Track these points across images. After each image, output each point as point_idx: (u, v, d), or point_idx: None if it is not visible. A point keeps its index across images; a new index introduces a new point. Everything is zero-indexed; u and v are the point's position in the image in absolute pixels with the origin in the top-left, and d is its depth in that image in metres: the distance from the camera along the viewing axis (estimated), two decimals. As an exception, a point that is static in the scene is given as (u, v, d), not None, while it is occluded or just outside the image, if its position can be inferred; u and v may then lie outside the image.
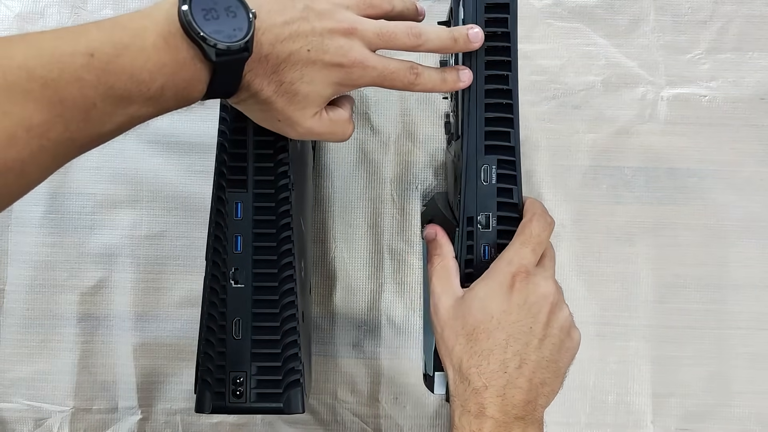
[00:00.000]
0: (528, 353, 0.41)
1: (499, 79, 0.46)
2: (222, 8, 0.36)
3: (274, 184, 0.45)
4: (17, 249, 0.61)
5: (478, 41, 0.44)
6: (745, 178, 0.61)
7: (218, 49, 0.36)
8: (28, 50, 0.33)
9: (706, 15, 0.61)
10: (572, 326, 0.44)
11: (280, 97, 0.40)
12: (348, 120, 0.44)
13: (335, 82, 0.41)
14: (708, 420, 0.61)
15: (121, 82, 0.34)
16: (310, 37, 0.39)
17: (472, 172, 0.46)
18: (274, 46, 0.38)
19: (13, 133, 0.31)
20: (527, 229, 0.44)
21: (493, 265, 0.44)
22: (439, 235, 0.47)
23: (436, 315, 0.44)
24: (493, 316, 0.42)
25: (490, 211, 0.46)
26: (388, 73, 0.42)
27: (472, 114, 0.46)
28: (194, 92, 0.38)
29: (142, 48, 0.35)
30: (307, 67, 0.39)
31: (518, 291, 0.42)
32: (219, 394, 0.44)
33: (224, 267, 0.45)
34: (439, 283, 0.45)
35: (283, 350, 0.45)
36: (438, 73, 0.44)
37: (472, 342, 0.42)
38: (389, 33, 0.42)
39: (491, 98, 0.46)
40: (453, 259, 0.46)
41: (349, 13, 0.41)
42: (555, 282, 0.44)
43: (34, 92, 0.32)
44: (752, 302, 0.61)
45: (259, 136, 0.45)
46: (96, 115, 0.34)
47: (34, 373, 0.61)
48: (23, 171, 0.33)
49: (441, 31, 0.43)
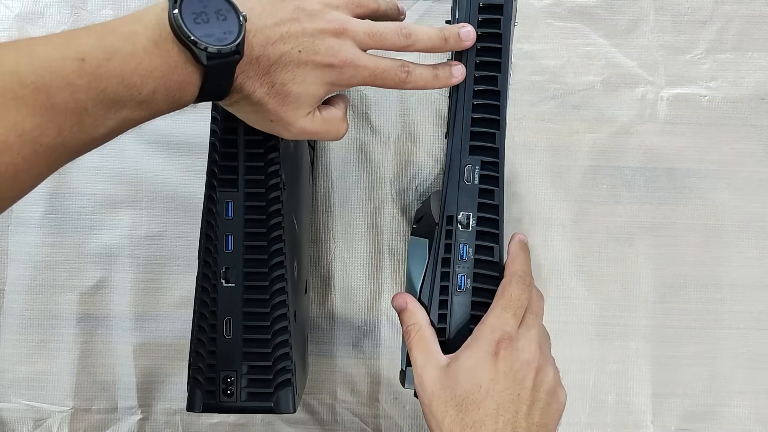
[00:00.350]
0: (518, 421, 0.41)
1: (489, 80, 0.46)
2: (212, 11, 0.36)
3: (264, 183, 0.45)
4: (17, 249, 0.61)
5: (470, 40, 0.44)
6: (745, 178, 0.61)
7: (209, 53, 0.36)
8: (19, 56, 0.33)
9: (706, 15, 0.61)
10: (558, 386, 0.44)
11: (272, 98, 0.40)
12: (341, 119, 0.44)
13: (327, 82, 0.41)
14: (708, 420, 0.61)
15: (112, 87, 0.34)
16: (301, 38, 0.39)
17: (455, 171, 0.46)
18: (265, 48, 0.38)
19: (5, 139, 0.31)
20: (507, 292, 0.44)
21: (476, 332, 0.44)
22: (410, 304, 0.46)
23: (422, 387, 0.43)
24: (481, 385, 0.41)
25: (470, 211, 0.46)
26: (379, 72, 0.42)
27: (459, 113, 0.46)
28: (186, 95, 0.38)
29: (132, 52, 0.35)
30: (299, 67, 0.40)
31: (503, 359, 0.42)
32: (210, 393, 0.44)
33: (215, 266, 0.45)
34: (420, 354, 0.44)
35: (274, 350, 0.45)
36: (429, 70, 0.44)
37: (462, 413, 0.41)
38: (379, 33, 0.42)
39: (479, 99, 0.46)
40: (429, 326, 0.45)
41: (339, 13, 0.41)
42: (538, 343, 0.44)
43: (26, 98, 0.32)
44: (752, 302, 0.61)
45: (249, 135, 0.45)
46: (88, 120, 0.34)
47: (34, 373, 0.61)
48: (16, 176, 0.33)
49: (431, 31, 0.43)
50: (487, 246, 0.46)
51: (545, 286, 0.61)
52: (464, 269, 0.46)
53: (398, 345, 0.61)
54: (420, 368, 0.44)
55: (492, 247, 0.46)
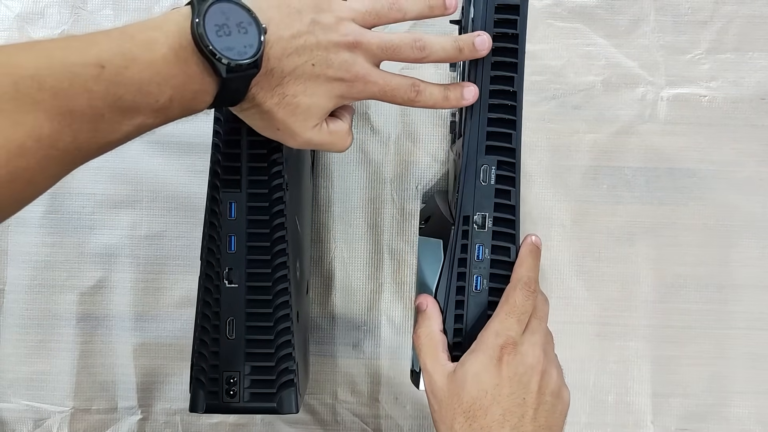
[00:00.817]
0: (524, 425, 0.42)
1: (505, 80, 0.46)
2: (234, 24, 0.37)
3: (267, 184, 0.45)
4: (17, 249, 0.61)
5: (485, 48, 0.44)
6: (745, 178, 0.61)
7: (229, 66, 0.36)
8: (38, 60, 0.33)
9: (706, 15, 0.61)
10: (562, 386, 0.45)
11: (282, 108, 0.40)
12: (347, 132, 0.44)
13: (337, 95, 0.41)
14: (708, 420, 0.61)
15: (129, 94, 0.34)
16: (315, 51, 0.39)
17: (471, 171, 0.46)
18: (280, 61, 0.39)
19: (23, 143, 0.32)
20: (511, 298, 0.45)
21: (480, 336, 0.44)
22: (430, 308, 0.47)
23: (432, 393, 0.44)
24: (487, 391, 0.42)
25: (486, 211, 0.46)
26: (389, 89, 0.42)
27: (476, 113, 0.46)
28: (200, 103, 0.38)
29: (151, 61, 0.35)
30: (311, 80, 0.40)
31: (507, 364, 0.42)
32: (213, 394, 0.44)
33: (218, 267, 0.45)
34: (429, 359, 0.45)
35: (277, 350, 0.45)
36: (440, 91, 0.44)
37: (471, 420, 0.42)
38: (393, 46, 0.42)
39: (496, 99, 0.46)
40: (440, 333, 0.46)
41: (354, 25, 0.41)
42: (542, 347, 0.44)
43: (45, 102, 0.32)
44: (752, 302, 0.61)
45: (253, 136, 0.45)
46: (104, 125, 0.35)
47: (34, 374, 0.61)
48: (32, 179, 0.33)
49: (445, 42, 0.43)
50: (503, 246, 0.46)
51: (546, 286, 0.61)
52: (480, 270, 0.46)
53: (398, 345, 0.61)
54: (429, 374, 0.44)
55: (508, 247, 0.46)
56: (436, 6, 0.43)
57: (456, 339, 0.46)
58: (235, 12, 0.37)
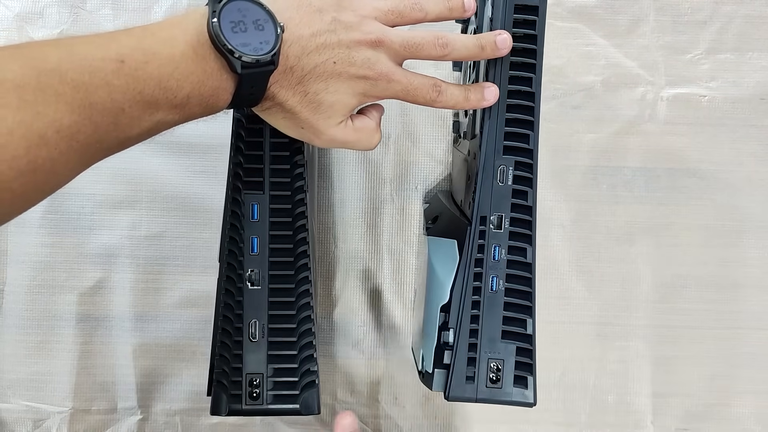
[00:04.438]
0: None
1: (524, 80, 0.45)
2: (250, 21, 0.37)
3: (290, 185, 0.45)
4: (17, 249, 0.61)
5: (506, 47, 0.44)
6: (745, 178, 0.61)
7: (244, 62, 0.36)
8: (61, 53, 0.33)
9: (706, 15, 0.61)
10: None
11: (305, 107, 0.40)
12: (375, 129, 0.44)
13: (360, 93, 0.41)
14: (708, 420, 0.61)
15: (149, 89, 0.35)
16: (337, 50, 0.39)
17: (488, 171, 0.46)
18: (300, 59, 0.39)
19: (44, 134, 0.32)
20: None
21: None
22: None
23: None
24: None
25: (503, 211, 0.46)
26: (411, 89, 0.42)
27: (494, 113, 0.46)
28: (220, 101, 0.38)
29: (170, 56, 0.36)
30: (333, 78, 0.40)
31: None
32: (235, 397, 0.44)
33: (240, 269, 0.45)
34: None
35: (300, 351, 0.45)
36: (461, 91, 0.44)
37: None
38: (416, 44, 0.42)
39: (514, 99, 0.46)
40: None
41: (377, 24, 0.41)
42: None
43: (66, 95, 0.33)
44: (752, 302, 0.61)
45: (275, 138, 0.45)
46: (124, 120, 0.35)
47: (33, 374, 0.61)
48: (53, 170, 0.33)
49: (468, 40, 0.43)
50: (520, 247, 0.46)
51: (546, 286, 0.61)
52: (497, 270, 0.46)
53: (398, 345, 0.61)
54: None
55: (525, 248, 0.46)
56: (456, 8, 0.43)
57: (472, 339, 0.46)
58: (252, 9, 0.37)
